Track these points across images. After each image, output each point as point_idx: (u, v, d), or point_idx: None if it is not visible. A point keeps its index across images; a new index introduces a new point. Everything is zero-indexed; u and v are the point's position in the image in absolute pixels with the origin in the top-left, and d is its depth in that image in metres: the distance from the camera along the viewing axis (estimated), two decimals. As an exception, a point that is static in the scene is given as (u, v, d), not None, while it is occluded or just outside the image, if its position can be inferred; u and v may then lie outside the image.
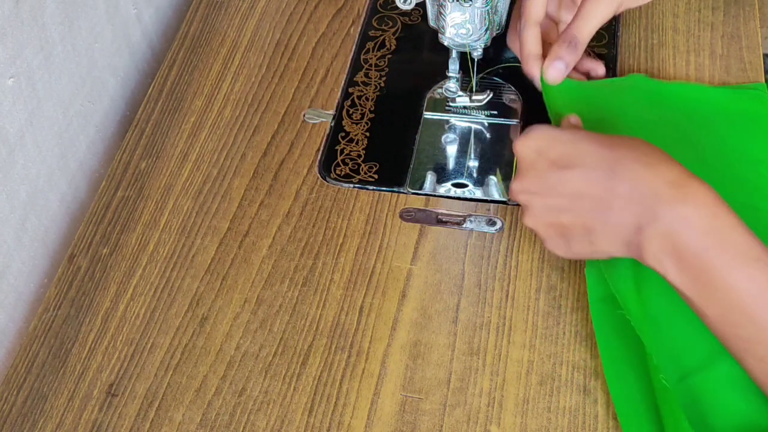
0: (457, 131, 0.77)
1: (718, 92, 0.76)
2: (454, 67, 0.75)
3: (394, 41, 0.84)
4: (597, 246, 0.59)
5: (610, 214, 0.57)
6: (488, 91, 0.77)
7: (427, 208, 0.72)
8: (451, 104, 0.77)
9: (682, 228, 0.54)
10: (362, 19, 0.86)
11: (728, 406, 0.58)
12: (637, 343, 0.60)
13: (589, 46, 0.81)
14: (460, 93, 0.76)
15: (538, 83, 0.73)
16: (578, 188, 0.58)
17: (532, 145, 0.61)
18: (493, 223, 0.70)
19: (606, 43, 0.81)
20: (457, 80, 0.76)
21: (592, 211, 0.58)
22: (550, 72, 0.71)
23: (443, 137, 0.76)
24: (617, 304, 0.62)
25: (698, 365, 0.59)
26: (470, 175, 0.74)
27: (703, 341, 0.58)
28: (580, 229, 0.59)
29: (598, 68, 0.76)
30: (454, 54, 0.74)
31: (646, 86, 0.76)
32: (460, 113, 0.77)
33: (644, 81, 0.76)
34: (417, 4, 0.70)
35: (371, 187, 0.73)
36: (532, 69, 0.73)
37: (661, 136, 0.69)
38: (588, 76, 0.76)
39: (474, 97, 0.77)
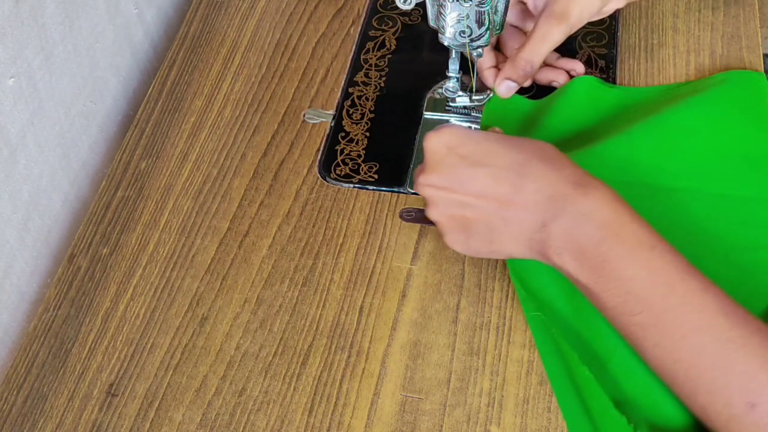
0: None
1: (670, 89, 0.76)
2: (454, 67, 0.75)
3: (394, 41, 0.84)
4: (496, 245, 0.61)
5: (515, 213, 0.59)
6: (488, 91, 0.77)
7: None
8: (451, 104, 0.77)
9: (582, 222, 0.56)
10: (362, 19, 0.86)
11: (646, 385, 0.58)
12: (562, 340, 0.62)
13: (588, 46, 0.81)
14: (460, 93, 0.76)
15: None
16: (486, 186, 0.60)
17: (443, 140, 0.62)
18: (493, 223, 0.70)
19: (606, 43, 0.81)
20: (457, 80, 0.76)
21: (498, 210, 0.60)
22: (501, 89, 0.73)
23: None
24: (536, 305, 0.63)
25: (611, 350, 0.60)
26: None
27: (608, 329, 0.60)
28: (482, 226, 0.61)
29: (577, 66, 0.77)
30: (453, 54, 0.74)
31: (593, 90, 0.75)
32: (460, 113, 0.77)
33: (592, 85, 0.76)
34: (417, 4, 0.70)
35: (371, 187, 0.73)
36: (487, 80, 0.76)
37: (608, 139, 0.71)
38: (569, 75, 0.77)
39: (474, 97, 0.77)
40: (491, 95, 0.77)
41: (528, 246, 0.59)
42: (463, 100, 0.77)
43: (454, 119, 0.77)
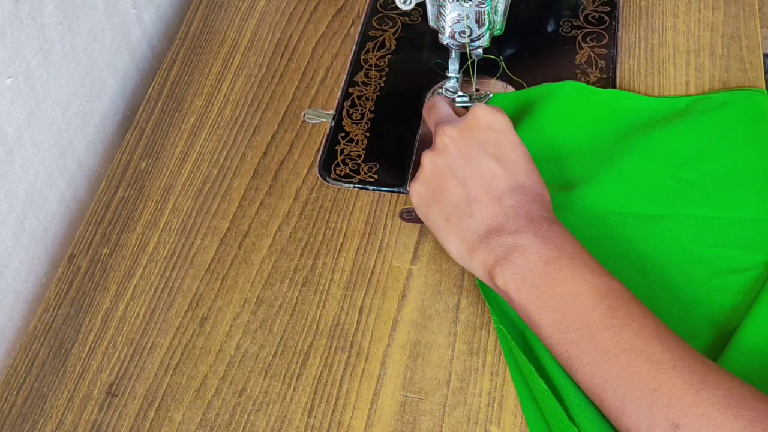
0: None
1: (658, 102, 0.76)
2: (454, 67, 0.74)
3: (394, 41, 0.84)
4: (451, 224, 0.62)
5: (492, 209, 0.61)
6: (488, 92, 0.77)
7: (427, 208, 0.72)
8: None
9: (540, 241, 0.58)
10: (362, 19, 0.86)
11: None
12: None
13: (588, 46, 0.81)
14: (461, 93, 0.76)
15: None
16: (487, 176, 0.62)
17: (492, 118, 0.63)
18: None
19: (606, 43, 0.81)
20: (458, 80, 0.76)
21: (480, 197, 0.61)
22: None
23: None
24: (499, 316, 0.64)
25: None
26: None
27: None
28: (451, 202, 0.62)
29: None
30: (453, 54, 0.74)
31: (579, 93, 0.75)
32: None
33: (578, 88, 0.76)
34: (417, 4, 0.70)
35: (371, 187, 0.73)
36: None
37: (594, 142, 0.72)
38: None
39: (474, 98, 0.77)
40: (491, 95, 0.77)
41: (475, 244, 0.60)
42: (463, 99, 0.77)
43: None
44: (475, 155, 0.62)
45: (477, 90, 0.77)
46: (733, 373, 0.52)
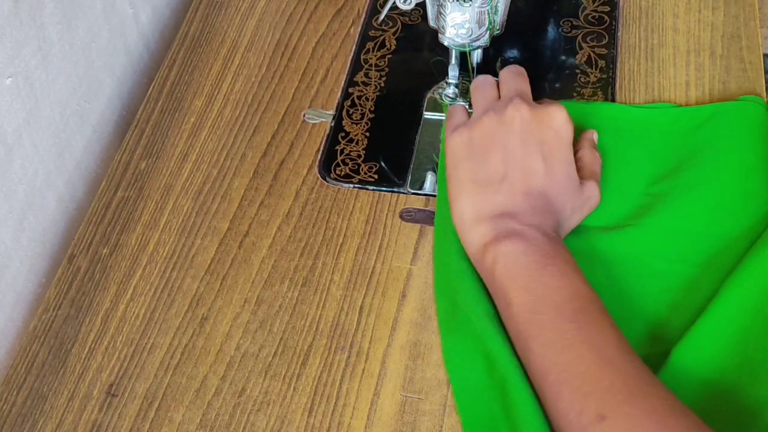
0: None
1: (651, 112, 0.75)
2: (453, 73, 0.74)
3: (394, 41, 0.84)
4: (475, 187, 0.63)
5: (517, 198, 0.62)
6: None
7: (427, 208, 0.72)
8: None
9: (540, 233, 0.60)
10: (362, 19, 0.86)
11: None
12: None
13: (589, 46, 0.81)
14: (460, 99, 0.76)
15: None
16: (531, 168, 0.63)
17: (566, 121, 0.65)
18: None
19: (606, 43, 0.81)
20: (457, 86, 0.75)
21: (514, 183, 0.63)
22: None
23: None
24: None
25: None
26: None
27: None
28: (492, 170, 0.64)
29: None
30: (453, 60, 0.74)
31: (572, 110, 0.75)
32: None
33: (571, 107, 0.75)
34: (417, 4, 0.70)
35: (371, 187, 0.73)
36: None
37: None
38: None
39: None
40: None
41: (481, 218, 0.62)
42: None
43: None
44: (531, 145, 0.64)
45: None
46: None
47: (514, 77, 0.70)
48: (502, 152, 0.64)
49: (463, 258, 0.64)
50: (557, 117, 0.65)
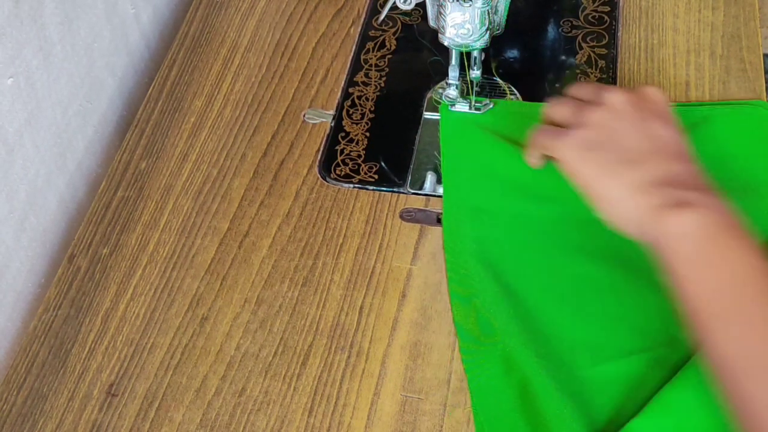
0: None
1: None
2: (454, 74, 0.74)
3: (394, 41, 0.84)
4: (621, 167, 0.60)
5: (664, 165, 0.59)
6: (488, 100, 0.76)
7: (427, 208, 0.72)
8: (451, 108, 0.77)
9: (719, 204, 0.57)
10: (362, 19, 0.86)
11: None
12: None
13: (589, 46, 0.81)
14: (460, 100, 0.76)
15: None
16: (659, 136, 0.61)
17: (661, 95, 0.63)
18: (493, 223, 0.70)
19: (606, 43, 0.81)
20: (457, 87, 0.75)
21: (653, 153, 0.60)
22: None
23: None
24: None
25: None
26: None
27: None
28: (628, 147, 0.60)
29: None
30: (453, 61, 0.73)
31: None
32: None
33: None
34: (417, 4, 0.69)
35: (371, 187, 0.73)
36: None
37: None
38: None
39: (475, 104, 0.76)
40: (490, 105, 0.76)
41: (642, 189, 0.58)
42: (462, 107, 0.76)
43: None
44: (648, 118, 0.62)
45: (477, 103, 0.76)
46: None
47: (583, 85, 0.68)
48: (632, 130, 0.61)
49: (479, 261, 0.64)
50: (651, 92, 0.63)
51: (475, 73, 0.73)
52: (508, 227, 0.69)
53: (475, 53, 0.73)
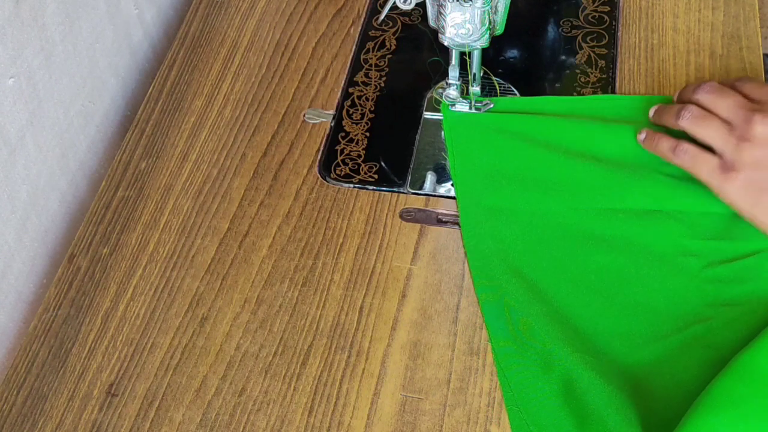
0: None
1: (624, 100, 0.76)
2: (454, 74, 0.74)
3: (394, 41, 0.84)
4: None
5: None
6: (488, 101, 0.76)
7: (427, 208, 0.72)
8: (451, 108, 0.77)
9: None
10: (362, 19, 0.86)
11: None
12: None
13: (589, 46, 0.81)
14: (460, 100, 0.76)
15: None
16: None
17: None
18: (493, 223, 0.70)
19: (606, 43, 0.81)
20: (457, 87, 0.75)
21: None
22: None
23: (443, 137, 0.76)
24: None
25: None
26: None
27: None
28: None
29: None
30: (454, 61, 0.73)
31: (576, 104, 0.76)
32: None
33: (575, 101, 0.76)
34: (417, 4, 0.69)
35: (371, 187, 0.73)
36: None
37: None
38: None
39: (475, 104, 0.76)
40: (490, 105, 0.76)
41: None
42: (462, 107, 0.76)
43: None
44: None
45: (477, 103, 0.76)
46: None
47: (717, 95, 0.67)
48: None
49: (503, 260, 0.66)
50: None
51: (475, 89, 0.74)
52: (528, 223, 0.69)
53: (474, 69, 0.72)
